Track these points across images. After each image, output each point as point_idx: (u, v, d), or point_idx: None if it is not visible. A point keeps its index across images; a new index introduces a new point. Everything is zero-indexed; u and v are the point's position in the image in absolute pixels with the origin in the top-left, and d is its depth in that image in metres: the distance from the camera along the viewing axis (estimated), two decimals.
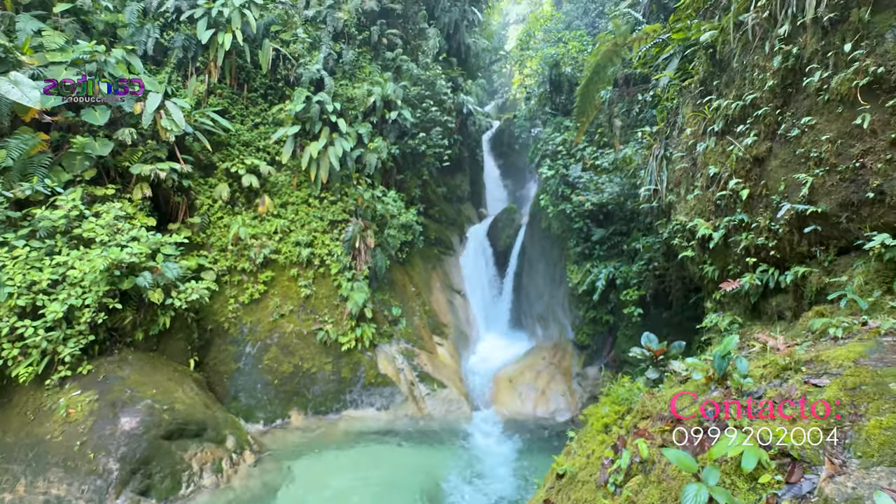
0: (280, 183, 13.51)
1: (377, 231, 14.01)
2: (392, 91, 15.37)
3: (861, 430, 1.97)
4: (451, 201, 21.39)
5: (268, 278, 12.13)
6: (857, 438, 1.95)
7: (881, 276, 3.51)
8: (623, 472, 2.51)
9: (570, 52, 14.40)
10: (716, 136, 5.49)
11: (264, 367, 11.38)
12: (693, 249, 5.90)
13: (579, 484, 2.78)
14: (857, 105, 3.68)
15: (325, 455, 9.82)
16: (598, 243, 12.57)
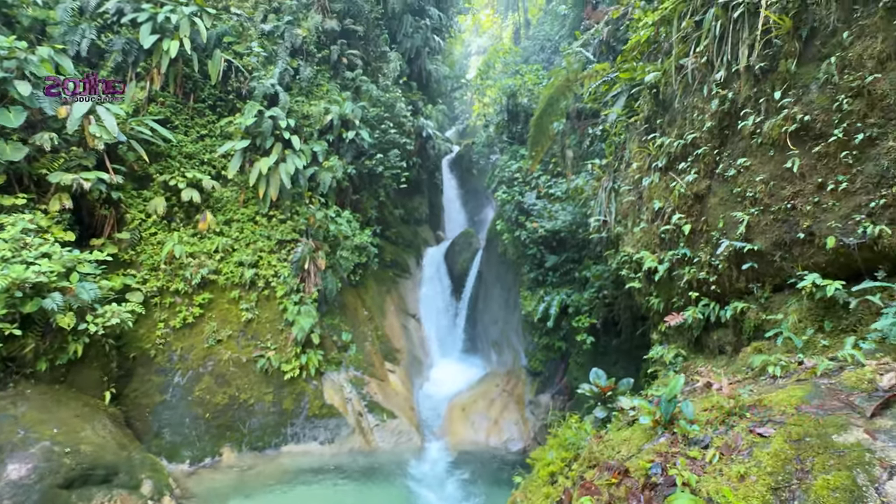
0: (225, 199, 12.72)
1: (329, 252, 13.46)
2: (350, 110, 15.15)
3: (809, 489, 1.86)
4: (409, 223, 21.17)
5: (205, 300, 11.20)
6: (805, 499, 1.84)
7: (813, 314, 3.62)
8: None
9: (526, 84, 14.89)
10: (660, 172, 5.66)
11: (195, 399, 10.35)
12: (640, 281, 5.98)
13: None
14: (787, 149, 3.87)
15: (255, 498, 8.92)
16: (551, 270, 12.72)
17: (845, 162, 3.41)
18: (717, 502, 1.92)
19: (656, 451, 2.62)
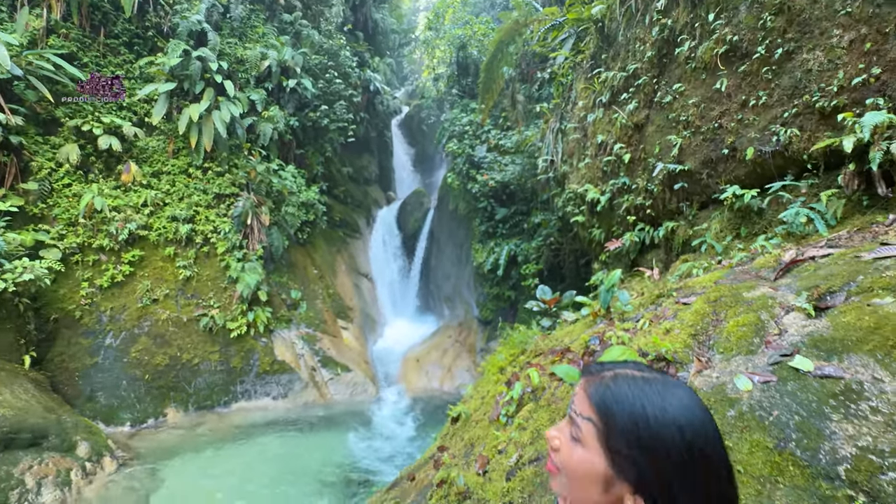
0: (151, 148, 11.59)
1: (273, 208, 12.83)
2: (290, 57, 14.11)
3: (722, 331, 2.09)
4: (358, 182, 20.56)
5: (135, 258, 10.36)
6: (719, 338, 2.06)
7: (732, 223, 4.00)
8: (515, 402, 2.44)
9: (476, 35, 14.56)
10: (603, 107, 5.84)
11: (131, 361, 9.73)
12: (583, 214, 6.26)
13: (473, 423, 2.67)
14: (718, 71, 4.12)
15: (208, 452, 8.72)
16: (501, 222, 13.00)
17: (766, 78, 3.69)
18: (646, 350, 2.11)
19: (595, 333, 2.83)
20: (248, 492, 7.64)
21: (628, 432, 0.66)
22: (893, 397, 1.39)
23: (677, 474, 0.64)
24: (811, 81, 3.32)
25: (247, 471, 8.29)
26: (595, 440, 0.69)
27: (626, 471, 0.67)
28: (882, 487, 1.21)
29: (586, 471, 0.69)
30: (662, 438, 0.65)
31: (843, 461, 1.29)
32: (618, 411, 0.68)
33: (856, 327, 1.69)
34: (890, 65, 2.86)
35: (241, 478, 8.04)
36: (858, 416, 1.37)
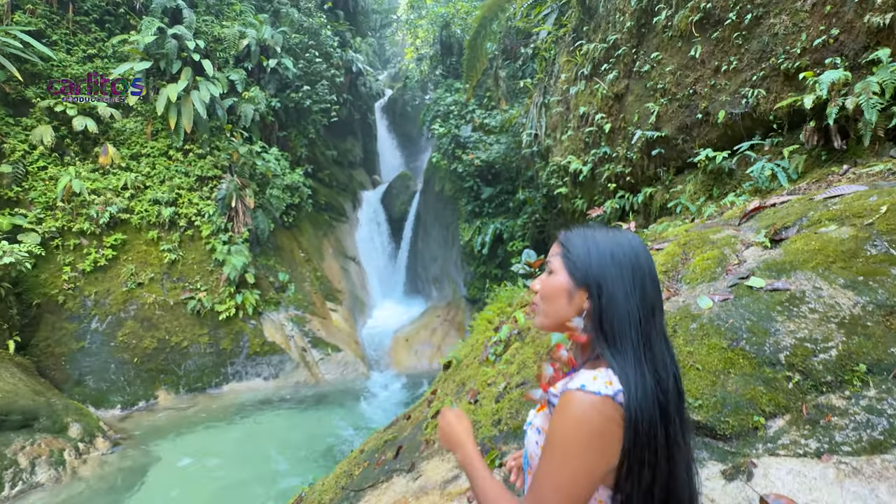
0: (128, 130, 11.33)
1: (257, 191, 12.71)
2: (270, 36, 13.82)
3: (689, 266, 2.28)
4: (343, 166, 20.40)
5: (117, 241, 10.22)
6: (686, 272, 2.25)
7: (705, 185, 4.21)
8: (503, 343, 2.62)
9: (459, 13, 14.45)
10: (585, 79, 5.97)
11: (119, 345, 9.69)
12: (566, 186, 6.44)
13: (464, 367, 2.84)
14: (692, 38, 4.28)
15: (200, 431, 8.82)
16: (487, 201, 13.15)
17: (736, 43, 3.87)
18: None
19: None
20: (240, 466, 7.79)
21: (580, 250, 0.91)
22: (829, 300, 1.59)
23: (604, 274, 0.89)
24: (777, 45, 3.51)
25: (239, 447, 8.42)
26: (561, 265, 0.93)
27: (579, 279, 0.90)
28: (814, 366, 1.41)
29: (556, 289, 0.93)
30: (599, 250, 0.90)
31: (783, 350, 1.49)
32: (573, 239, 0.94)
33: (803, 251, 1.89)
34: (847, 26, 3.06)
35: (234, 454, 8.18)
36: (799, 316, 1.57)
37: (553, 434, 0.83)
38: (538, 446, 0.92)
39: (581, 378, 0.84)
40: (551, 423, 0.84)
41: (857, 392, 1.31)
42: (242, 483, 7.45)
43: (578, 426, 0.81)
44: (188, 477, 7.56)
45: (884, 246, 1.70)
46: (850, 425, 1.25)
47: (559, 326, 0.94)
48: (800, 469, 1.22)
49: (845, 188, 2.33)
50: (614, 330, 0.87)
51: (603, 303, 0.88)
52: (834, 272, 1.70)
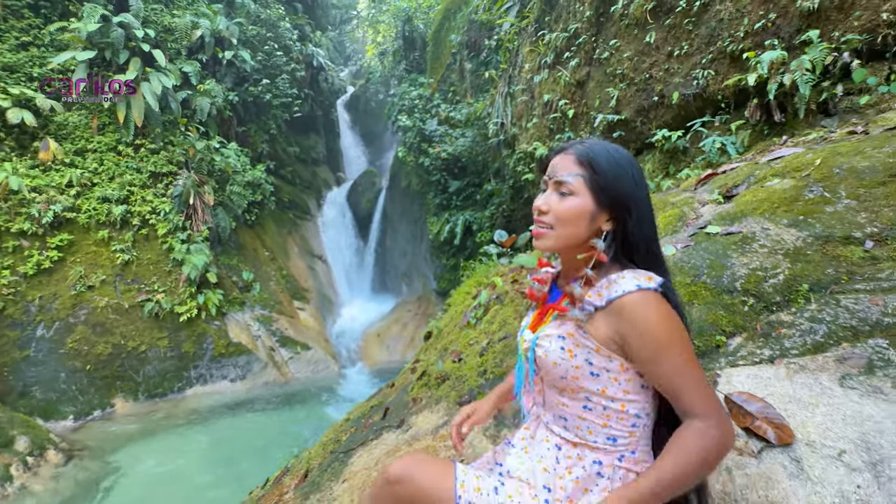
0: (71, 124, 10.61)
1: (217, 188, 12.23)
2: (225, 27, 13.33)
3: None
4: (306, 163, 19.93)
5: (63, 242, 9.56)
6: None
7: (662, 163, 4.49)
8: (482, 307, 2.71)
9: (422, 7, 14.48)
10: (548, 68, 6.18)
11: (69, 352, 9.08)
12: (533, 172, 6.64)
13: (445, 334, 2.91)
14: (647, 25, 4.55)
15: (162, 439, 8.40)
16: (454, 194, 13.28)
17: (687, 29, 4.16)
18: None
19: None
20: (204, 471, 7.49)
21: (609, 176, 0.94)
22: (775, 237, 1.78)
23: (632, 198, 0.94)
24: (723, 29, 3.81)
25: (204, 452, 8.10)
26: (585, 187, 0.94)
27: (604, 202, 0.94)
28: (765, 290, 1.58)
29: (578, 212, 0.94)
30: (625, 174, 0.95)
31: (739, 279, 1.65)
32: (599, 160, 0.95)
33: (752, 201, 2.09)
34: (782, 10, 3.38)
35: (198, 459, 7.86)
36: (751, 251, 1.75)
37: (649, 334, 0.85)
38: (564, 350, 0.94)
39: (626, 282, 0.88)
40: (636, 327, 0.86)
41: (801, 308, 1.49)
42: (207, 487, 7.16)
43: (667, 317, 0.87)
44: (150, 485, 7.20)
45: (819, 191, 1.92)
46: (797, 334, 1.42)
47: (569, 248, 0.96)
48: (756, 373, 1.37)
49: (785, 151, 2.58)
50: (638, 246, 0.93)
51: (631, 226, 0.92)
52: (778, 215, 1.90)
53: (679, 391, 0.85)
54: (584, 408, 0.96)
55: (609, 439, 0.94)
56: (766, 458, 1.13)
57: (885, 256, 1.52)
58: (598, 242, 0.93)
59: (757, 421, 1.19)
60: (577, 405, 0.96)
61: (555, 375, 0.96)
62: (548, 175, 1.01)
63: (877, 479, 0.98)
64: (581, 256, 0.96)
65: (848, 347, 1.31)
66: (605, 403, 0.94)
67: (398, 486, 0.98)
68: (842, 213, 1.73)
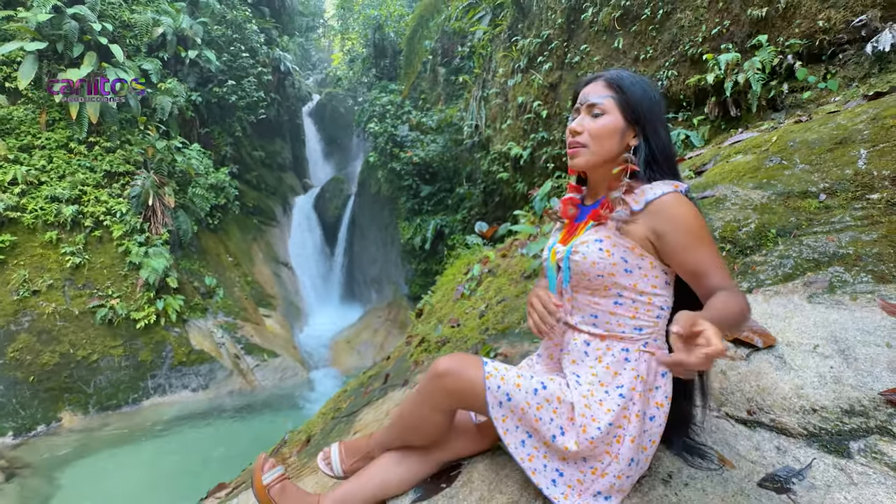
0: (16, 119, 9.92)
1: (178, 190, 11.75)
2: (188, 25, 12.97)
3: None
4: (272, 168, 19.48)
5: (5, 244, 8.86)
6: None
7: None
8: (475, 280, 2.81)
9: (393, 16, 14.70)
10: (522, 72, 6.49)
11: (9, 363, 8.35)
12: (507, 171, 6.89)
13: (437, 309, 2.99)
14: (615, 32, 4.92)
15: (112, 454, 7.81)
16: (426, 199, 13.39)
17: (651, 35, 4.54)
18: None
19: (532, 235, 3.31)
20: (161, 485, 7.05)
21: (634, 94, 1.09)
22: (744, 197, 2.01)
23: (655, 115, 1.10)
24: (684, 35, 4.21)
25: (161, 466, 7.63)
26: (615, 106, 1.09)
27: (631, 119, 1.09)
28: (739, 237, 1.79)
29: (611, 129, 1.09)
30: (647, 94, 1.10)
31: (717, 229, 1.86)
32: (626, 83, 1.10)
33: (720, 173, 2.35)
34: (734, 18, 3.79)
35: (154, 473, 7.40)
36: (725, 208, 1.98)
37: (685, 226, 1.00)
38: (602, 251, 1.06)
39: (658, 188, 1.03)
40: (673, 221, 1.00)
41: (771, 249, 1.70)
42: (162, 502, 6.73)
43: (698, 213, 1.03)
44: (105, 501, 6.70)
45: (777, 160, 2.18)
46: (769, 269, 1.62)
47: (602, 164, 1.10)
48: None
49: (744, 135, 2.89)
50: (660, 159, 1.08)
51: (654, 140, 1.07)
52: (744, 181, 2.14)
53: (710, 272, 1.00)
54: (615, 303, 1.08)
55: (636, 329, 1.07)
56: (754, 359, 1.30)
57: (836, 205, 1.77)
58: (629, 156, 1.08)
59: (745, 332, 1.36)
60: (609, 302, 1.09)
61: (591, 275, 1.09)
62: (579, 102, 1.15)
63: (845, 360, 1.17)
64: (616, 170, 1.10)
65: (812, 275, 1.52)
66: (634, 297, 1.07)
67: (446, 379, 1.07)
68: (798, 175, 1.99)
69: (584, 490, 1.01)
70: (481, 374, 1.06)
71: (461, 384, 1.06)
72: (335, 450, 1.33)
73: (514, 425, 1.05)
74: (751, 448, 1.08)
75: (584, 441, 0.99)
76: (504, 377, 1.06)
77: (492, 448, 1.26)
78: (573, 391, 1.05)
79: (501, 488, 1.09)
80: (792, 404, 1.12)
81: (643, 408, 1.03)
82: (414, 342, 2.54)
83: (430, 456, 1.22)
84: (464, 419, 1.27)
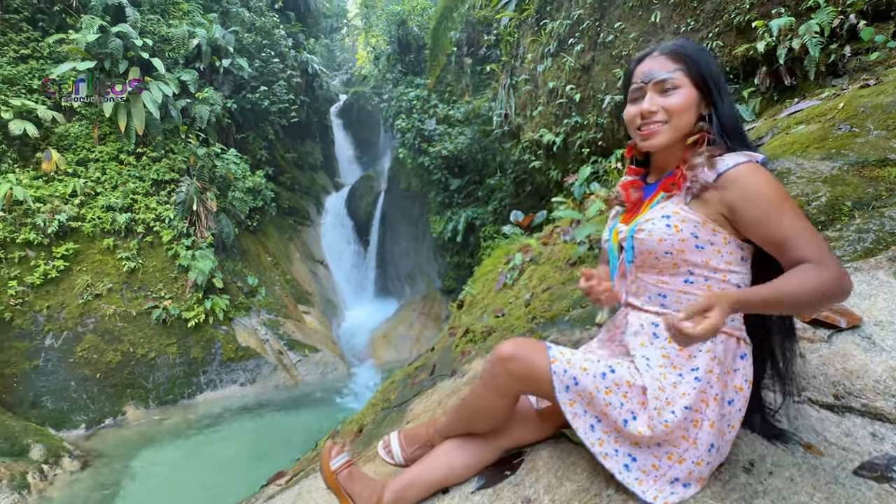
0: (73, 134, 10.62)
1: (219, 194, 12.26)
2: (221, 35, 13.42)
3: None
4: (304, 169, 20.00)
5: (69, 252, 9.53)
6: None
7: None
8: (517, 270, 2.78)
9: (415, 11, 14.66)
10: (552, 56, 6.32)
11: (78, 361, 9.02)
12: (540, 159, 6.75)
13: (479, 300, 2.98)
14: (651, 6, 4.69)
15: (177, 444, 8.36)
16: (456, 191, 13.37)
17: (692, 6, 4.31)
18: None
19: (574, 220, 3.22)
20: (219, 474, 7.45)
21: (702, 63, 1.06)
22: (811, 169, 1.87)
23: (721, 81, 1.07)
24: (728, 3, 3.96)
25: (217, 456, 8.06)
26: (686, 78, 1.05)
27: (703, 88, 1.05)
28: (809, 211, 1.67)
29: (688, 101, 1.05)
30: (712, 61, 1.07)
31: None
32: (692, 53, 1.07)
33: (780, 146, 2.19)
34: None
35: (212, 463, 7.83)
36: (790, 182, 1.85)
37: (762, 196, 0.95)
38: (670, 227, 1.02)
39: (732, 158, 0.99)
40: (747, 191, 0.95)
41: (846, 223, 1.58)
42: (224, 489, 7.11)
43: (776, 182, 0.98)
44: (166, 488, 7.17)
45: (846, 128, 2.02)
46: (846, 245, 1.51)
47: (681, 138, 1.05)
48: None
49: (802, 104, 2.69)
50: (731, 128, 1.04)
51: (723, 107, 1.04)
52: (810, 152, 2.00)
53: (794, 242, 0.92)
54: (685, 282, 1.03)
55: None
56: (837, 340, 1.21)
57: None
58: (704, 125, 1.05)
59: (825, 312, 1.27)
60: (679, 280, 1.04)
61: (659, 252, 1.04)
62: (641, 80, 1.09)
63: None
64: (691, 140, 1.06)
65: None
66: (707, 274, 1.02)
67: (512, 363, 1.06)
68: (874, 142, 1.83)
69: (660, 476, 0.97)
70: (546, 357, 1.04)
71: (526, 368, 1.05)
72: (395, 438, 1.35)
73: (582, 409, 1.02)
74: (840, 434, 1.01)
75: (659, 425, 0.95)
76: (570, 361, 1.04)
77: (555, 435, 1.24)
78: (644, 374, 1.01)
79: (569, 475, 1.07)
80: (887, 387, 1.04)
81: (721, 391, 0.98)
82: (458, 333, 2.54)
83: (493, 443, 1.21)
84: (524, 406, 1.26)
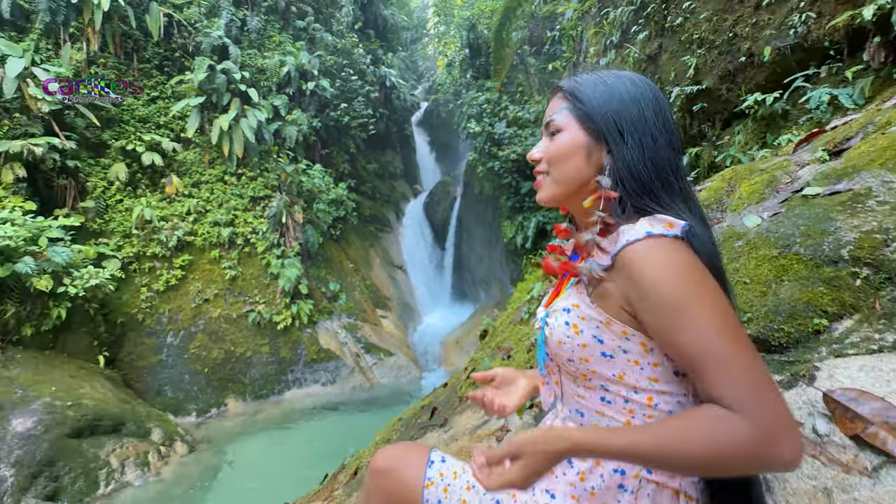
0: (189, 161, 12.37)
1: (305, 207, 13.35)
2: (307, 60, 14.62)
3: (734, 195, 2.08)
4: (384, 178, 20.96)
5: (185, 262, 11.12)
6: (730, 202, 2.05)
7: (756, 133, 3.84)
8: (536, 301, 2.50)
9: (484, 13, 14.49)
10: (615, 48, 5.72)
11: (191, 357, 10.47)
12: None
13: (499, 331, 2.75)
14: None
15: (267, 435, 9.30)
16: (526, 195, 12.91)
17: None
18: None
19: None
20: (306, 465, 8.04)
21: (593, 96, 0.78)
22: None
23: (623, 116, 0.76)
24: None
25: (303, 448, 8.77)
26: (573, 119, 0.80)
27: (594, 130, 0.78)
28: (886, 257, 1.20)
29: (568, 147, 0.80)
30: (614, 92, 0.77)
31: (846, 245, 1.28)
32: (582, 87, 0.80)
33: (868, 152, 1.64)
34: None
35: (299, 454, 8.53)
36: (864, 210, 1.36)
37: (658, 289, 0.65)
38: (569, 326, 0.77)
39: (634, 230, 0.69)
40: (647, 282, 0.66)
41: None
42: (303, 481, 7.69)
43: (683, 268, 0.66)
44: (261, 474, 7.99)
45: None
46: None
47: (575, 193, 0.80)
48: (874, 364, 1.03)
49: None
50: (654, 182, 0.74)
51: (629, 151, 0.74)
52: None
53: (704, 366, 0.62)
54: (601, 399, 0.77)
55: None
56: (887, 477, 0.82)
57: None
58: (601, 179, 0.76)
59: (872, 427, 0.87)
60: (595, 396, 0.78)
61: (563, 358, 0.79)
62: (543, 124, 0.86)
63: None
64: (587, 201, 0.78)
65: None
66: (625, 394, 0.74)
67: (384, 480, 0.89)
68: None
69: None
70: (422, 477, 0.85)
71: (399, 487, 0.87)
72: None
73: None
74: None
75: None
76: (448, 488, 0.83)
77: None
78: None
79: None
80: None
81: None
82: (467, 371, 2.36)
83: None
84: None
